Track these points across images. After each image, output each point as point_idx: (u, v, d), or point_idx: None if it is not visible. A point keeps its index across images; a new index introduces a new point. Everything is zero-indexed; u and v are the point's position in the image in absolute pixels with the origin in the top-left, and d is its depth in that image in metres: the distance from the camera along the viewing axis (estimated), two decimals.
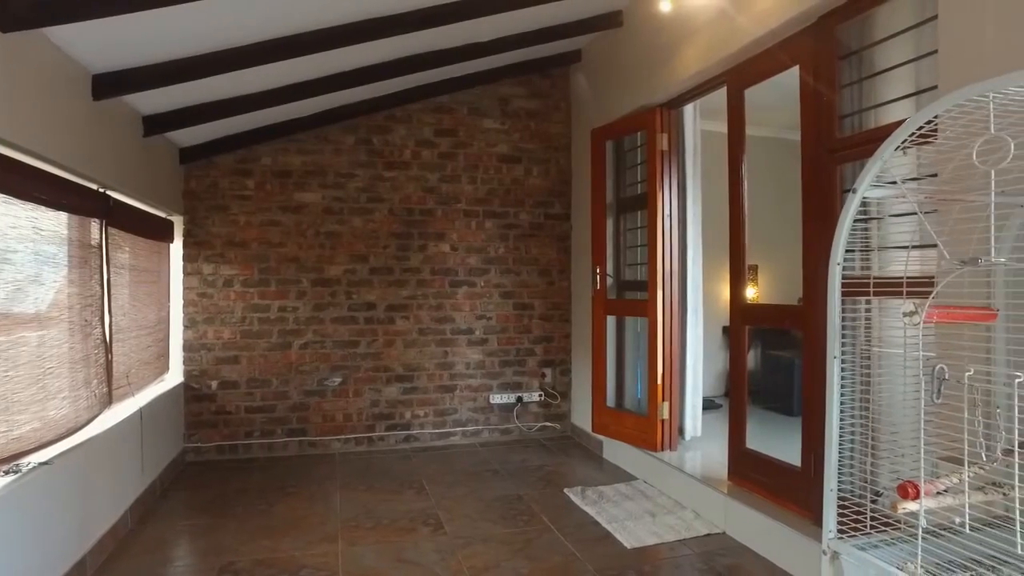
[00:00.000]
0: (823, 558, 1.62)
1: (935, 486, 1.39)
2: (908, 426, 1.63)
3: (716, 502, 3.14)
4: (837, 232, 1.52)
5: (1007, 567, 1.37)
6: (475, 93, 4.84)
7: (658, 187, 3.76)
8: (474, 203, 4.84)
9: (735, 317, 3.23)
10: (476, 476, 4.01)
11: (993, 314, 1.44)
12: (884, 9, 2.51)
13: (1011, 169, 1.46)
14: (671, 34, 3.58)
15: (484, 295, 4.86)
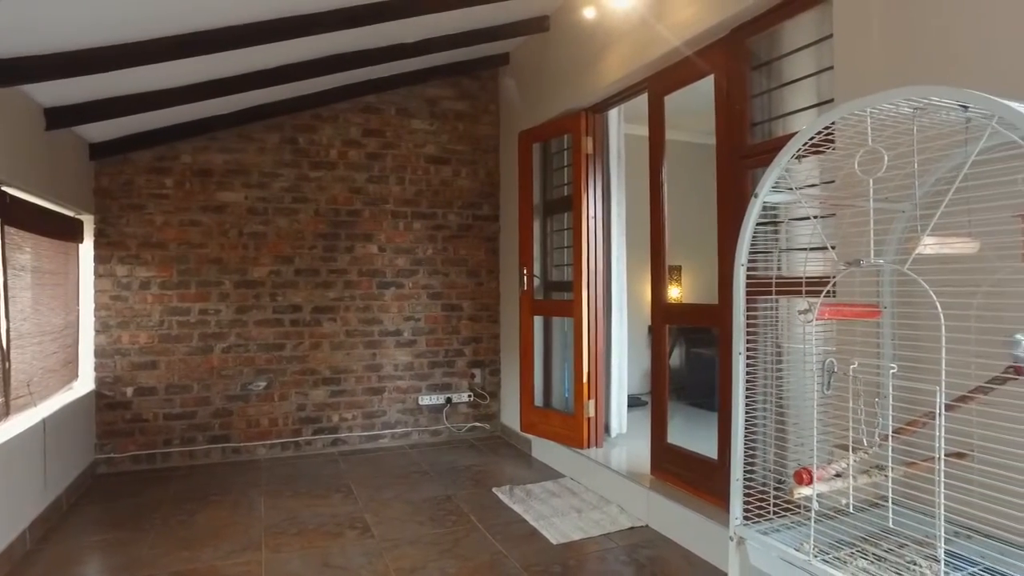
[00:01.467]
0: (730, 544, 1.71)
1: (827, 471, 1.50)
2: (809, 417, 1.74)
3: (639, 496, 3.24)
4: (741, 235, 1.60)
5: (886, 541, 1.49)
6: (403, 94, 4.82)
7: (583, 189, 3.85)
8: (402, 204, 4.81)
9: (656, 316, 3.34)
10: (405, 478, 3.99)
11: (878, 311, 1.55)
12: (790, 24, 2.66)
13: (893, 177, 1.59)
14: (596, 40, 3.67)
15: (412, 296, 4.84)
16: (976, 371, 1.47)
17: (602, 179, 3.97)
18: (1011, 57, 1.69)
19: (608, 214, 4.08)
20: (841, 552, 1.57)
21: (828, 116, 1.41)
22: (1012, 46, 1.69)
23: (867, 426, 1.37)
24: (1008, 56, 1.70)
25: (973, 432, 1.46)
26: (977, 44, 1.78)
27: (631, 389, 4.59)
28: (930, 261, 1.69)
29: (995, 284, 1.55)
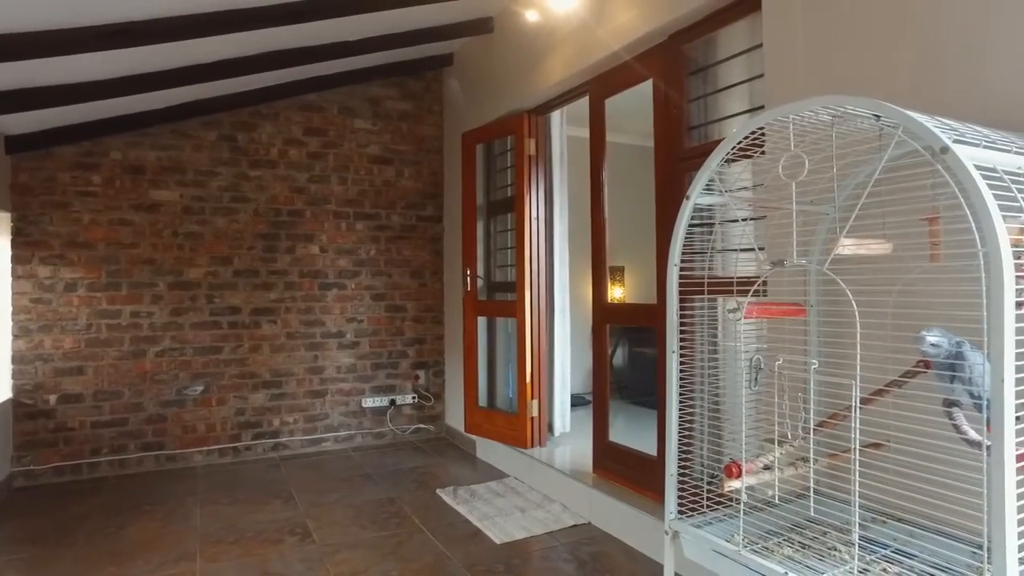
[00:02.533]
0: (665, 538, 1.76)
1: (756, 465, 1.55)
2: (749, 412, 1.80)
3: (582, 494, 3.29)
4: (674, 235, 1.65)
5: (811, 530, 1.55)
6: (346, 92, 4.75)
7: (526, 191, 3.88)
8: (344, 204, 4.74)
9: (597, 316, 3.39)
10: (348, 482, 3.93)
11: (803, 310, 1.62)
12: (725, 33, 2.75)
13: (817, 181, 1.66)
14: (539, 43, 3.70)
15: (355, 298, 4.77)
16: (892, 365, 1.55)
17: (545, 180, 4.01)
18: (924, 71, 1.79)
19: (551, 215, 4.12)
20: (769, 542, 1.63)
21: (753, 122, 1.46)
22: (924, 61, 1.79)
23: (792, 420, 1.43)
24: (921, 70, 1.80)
25: (889, 423, 1.54)
26: (892, 58, 1.87)
27: (575, 388, 4.65)
28: (851, 261, 1.78)
29: (908, 283, 1.64)
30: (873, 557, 1.52)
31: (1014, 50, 1.59)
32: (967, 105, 1.68)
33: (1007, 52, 1.61)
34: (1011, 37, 1.60)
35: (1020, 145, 1.32)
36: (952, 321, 1.42)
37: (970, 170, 1.08)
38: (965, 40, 1.70)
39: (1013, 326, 1.05)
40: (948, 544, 1.48)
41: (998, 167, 1.18)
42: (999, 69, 1.62)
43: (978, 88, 1.67)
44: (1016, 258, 1.18)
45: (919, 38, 1.81)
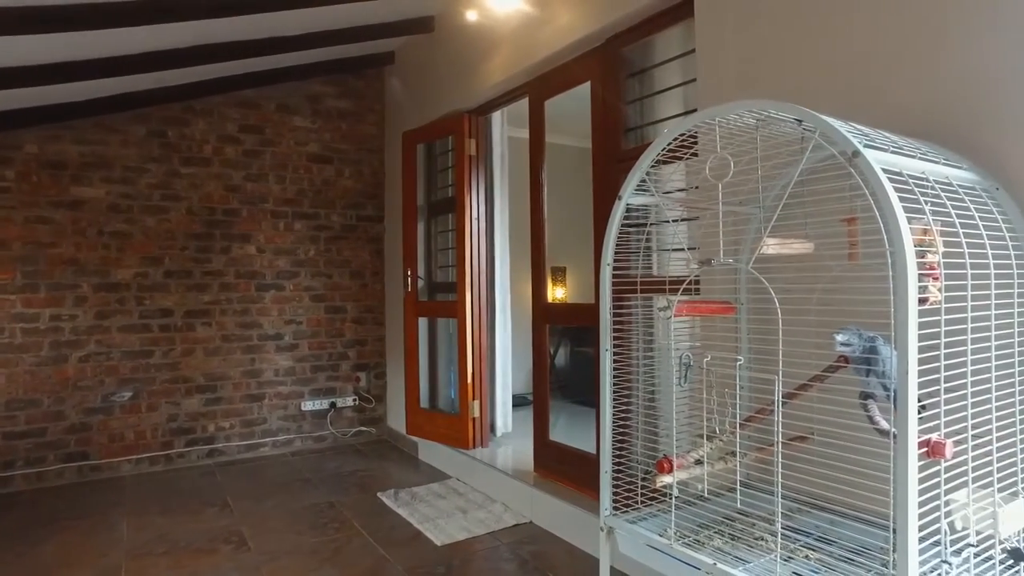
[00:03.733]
0: (601, 534, 1.78)
1: (687, 460, 1.59)
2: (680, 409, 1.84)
3: (523, 494, 3.30)
4: (606, 235, 1.67)
5: (741, 521, 1.60)
6: (284, 89, 4.63)
7: (466, 191, 3.87)
8: (282, 204, 4.63)
9: (537, 316, 3.41)
10: (286, 487, 3.84)
11: (732, 308, 1.67)
12: (662, 37, 2.81)
13: (747, 182, 1.71)
14: (480, 43, 3.70)
15: (294, 299, 4.66)
16: (816, 361, 1.61)
17: (485, 181, 4.01)
18: (843, 80, 1.87)
19: (491, 216, 4.12)
20: (701, 534, 1.67)
21: (681, 125, 1.50)
22: (843, 71, 1.87)
23: (721, 416, 1.47)
24: (841, 79, 1.88)
25: (813, 417, 1.61)
26: (816, 66, 1.95)
27: (517, 388, 4.67)
28: (778, 261, 1.85)
29: (831, 281, 1.71)
30: (797, 545, 1.58)
31: (914, 67, 1.68)
32: (879, 112, 1.77)
33: (910, 68, 1.70)
34: (910, 56, 1.69)
35: (924, 151, 1.39)
36: (868, 317, 1.49)
37: (878, 174, 1.13)
38: (877, 53, 1.79)
39: (916, 321, 1.10)
40: (866, 530, 1.55)
41: (904, 171, 1.24)
42: (904, 82, 1.71)
43: (888, 97, 1.76)
44: (920, 257, 1.25)
45: (839, 50, 1.89)
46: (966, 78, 1.61)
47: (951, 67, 1.64)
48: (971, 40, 1.60)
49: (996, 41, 1.56)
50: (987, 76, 1.57)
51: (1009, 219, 1.46)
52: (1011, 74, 1.53)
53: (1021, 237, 1.47)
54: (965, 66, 1.61)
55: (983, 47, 1.58)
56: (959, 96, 1.62)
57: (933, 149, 1.48)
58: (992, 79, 1.56)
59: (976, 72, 1.59)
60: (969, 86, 1.61)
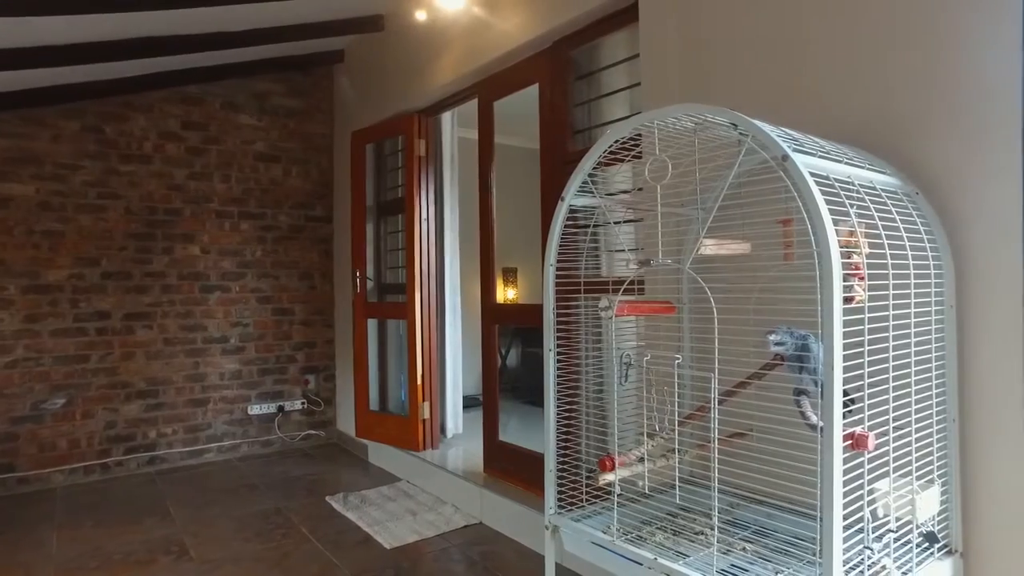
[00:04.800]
0: (546, 533, 1.79)
1: (629, 457, 1.62)
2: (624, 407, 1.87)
3: (473, 495, 3.30)
4: (550, 236, 1.69)
5: (683, 517, 1.64)
6: (229, 86, 4.52)
7: (415, 192, 3.85)
8: (228, 203, 4.51)
9: (486, 317, 3.42)
10: (232, 493, 3.74)
11: (672, 308, 1.70)
12: (609, 40, 2.85)
13: (688, 183, 1.75)
14: (429, 43, 3.69)
15: (240, 300, 4.55)
16: (754, 359, 1.66)
17: (435, 182, 4.00)
18: (778, 85, 1.94)
19: (441, 216, 4.11)
20: (643, 530, 1.70)
21: (621, 128, 1.53)
22: (779, 77, 1.93)
23: (661, 414, 1.50)
24: (777, 84, 1.94)
25: (751, 414, 1.65)
26: (754, 72, 2.01)
27: (468, 390, 4.67)
28: (719, 261, 1.89)
29: (769, 280, 1.76)
30: (735, 538, 1.62)
31: (844, 78, 1.75)
32: (811, 119, 1.84)
33: (840, 79, 1.77)
34: (841, 67, 1.77)
35: (851, 157, 1.45)
36: (802, 316, 1.54)
37: (806, 177, 1.18)
38: (811, 64, 1.86)
39: (841, 319, 1.15)
40: (801, 522, 1.61)
41: (831, 175, 1.30)
42: (836, 91, 1.78)
43: (821, 105, 1.83)
44: (846, 257, 1.30)
45: (775, 60, 1.95)
46: (891, 90, 1.69)
47: (877, 79, 1.71)
48: (895, 55, 1.68)
49: (917, 57, 1.64)
50: (909, 89, 1.65)
51: (927, 222, 1.54)
52: (929, 88, 1.61)
53: (938, 239, 1.54)
54: (890, 79, 1.69)
55: (906, 62, 1.66)
56: (884, 106, 1.70)
57: (859, 154, 1.54)
58: (913, 92, 1.64)
59: (899, 85, 1.67)
60: (893, 97, 1.68)
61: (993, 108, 1.51)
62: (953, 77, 1.58)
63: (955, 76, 1.57)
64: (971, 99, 1.55)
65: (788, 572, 1.42)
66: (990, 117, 1.52)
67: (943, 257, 1.55)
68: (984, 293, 1.54)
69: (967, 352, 1.56)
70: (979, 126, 1.54)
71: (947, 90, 1.59)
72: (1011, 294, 1.49)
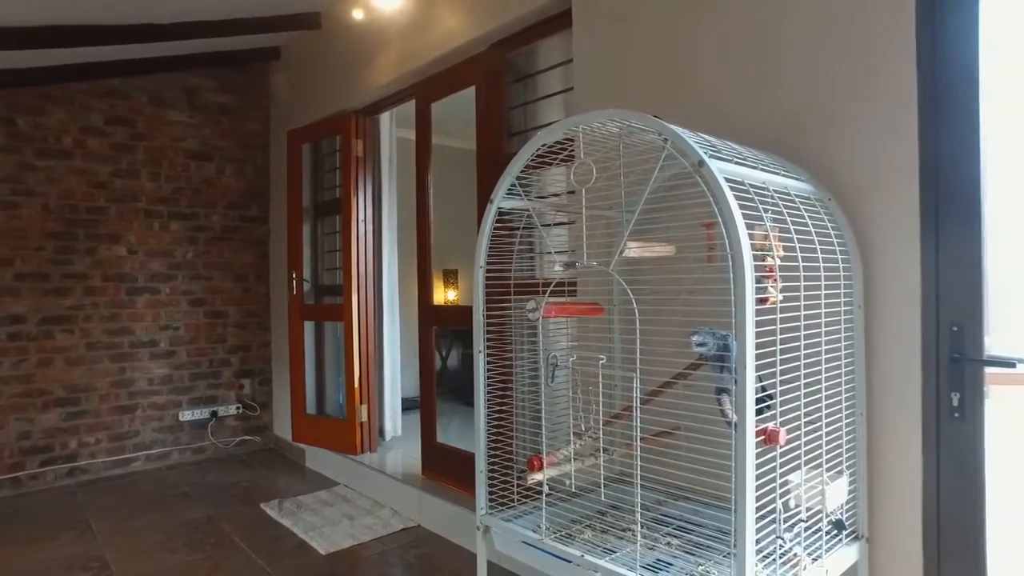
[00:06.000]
0: (477, 533, 1.80)
1: (556, 457, 1.64)
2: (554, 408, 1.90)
3: (411, 497, 3.27)
4: (479, 238, 1.70)
5: (609, 516, 1.67)
6: (157, 80, 4.35)
7: (353, 193, 3.80)
8: (157, 202, 4.35)
9: (423, 318, 3.41)
10: (160, 503, 3.60)
11: (600, 309, 1.73)
12: (545, 44, 2.87)
13: (617, 186, 1.79)
14: (367, 43, 3.64)
15: (170, 303, 4.39)
16: (681, 359, 1.70)
17: (373, 182, 3.95)
18: (703, 91, 2.00)
19: (379, 218, 4.06)
20: (573, 528, 1.73)
21: (548, 132, 1.55)
22: (707, 85, 2.00)
23: (587, 413, 1.53)
24: (703, 92, 2.01)
25: (678, 413, 1.70)
26: (683, 80, 2.07)
27: (408, 392, 4.62)
28: (646, 263, 1.94)
29: (695, 283, 1.81)
30: (661, 533, 1.67)
31: (765, 88, 1.83)
32: (733, 126, 1.90)
33: (762, 89, 1.84)
34: (761, 78, 1.84)
35: (767, 163, 1.51)
36: (724, 317, 1.60)
37: (721, 183, 1.22)
38: (735, 75, 1.92)
39: (754, 319, 1.19)
40: (724, 516, 1.66)
41: (746, 181, 1.35)
42: (757, 100, 1.86)
43: (742, 113, 1.90)
44: (760, 260, 1.35)
45: (700, 68, 2.02)
46: (808, 100, 1.77)
47: (794, 90, 1.79)
48: (808, 66, 1.76)
49: (831, 72, 1.72)
50: (821, 99, 1.73)
51: (838, 227, 1.62)
52: (837, 99, 1.69)
53: (848, 243, 1.62)
54: (805, 89, 1.77)
55: (819, 74, 1.74)
56: (801, 115, 1.78)
57: (777, 161, 1.61)
58: (825, 102, 1.72)
59: (813, 95, 1.75)
60: (809, 107, 1.76)
61: (893, 119, 1.60)
62: (857, 88, 1.66)
63: (859, 87, 1.66)
64: (873, 110, 1.63)
65: (709, 564, 1.47)
66: (890, 128, 1.61)
67: (852, 260, 1.63)
68: (888, 294, 1.63)
69: (874, 349, 1.65)
70: (881, 136, 1.62)
71: (852, 101, 1.67)
72: (910, 296, 1.59)
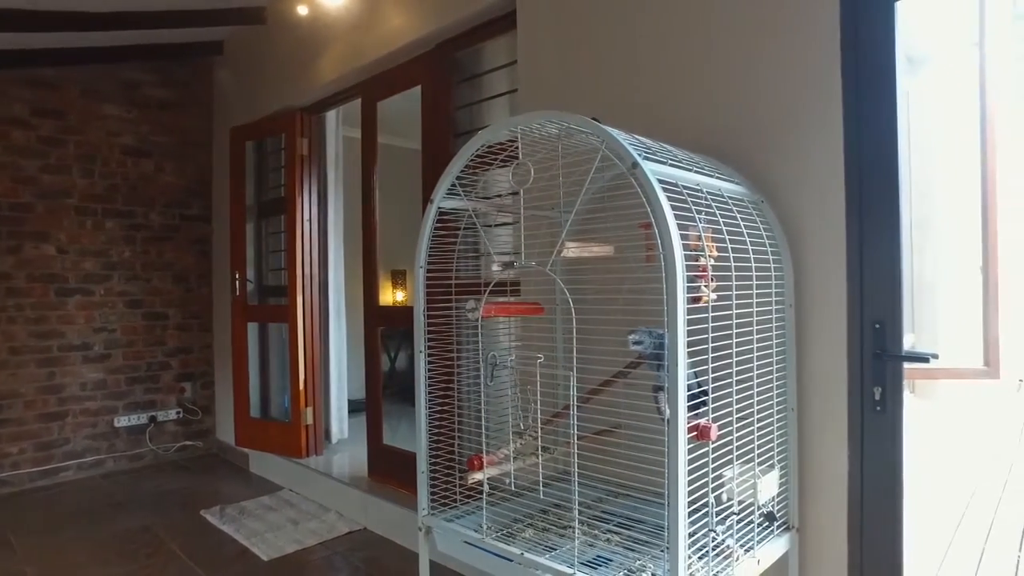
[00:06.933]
0: (419, 534, 1.79)
1: (497, 456, 1.64)
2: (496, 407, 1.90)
3: (357, 500, 3.23)
4: (420, 238, 1.69)
5: (550, 514, 1.69)
6: (91, 71, 4.18)
7: (297, 192, 3.73)
8: (90, 200, 4.17)
9: (369, 319, 3.37)
10: (91, 514, 3.46)
11: (540, 308, 1.75)
12: (492, 45, 2.88)
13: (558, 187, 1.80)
14: (312, 40, 3.58)
15: (105, 305, 4.22)
16: (621, 358, 1.73)
17: (319, 182, 3.89)
18: (646, 97, 2.04)
19: (325, 217, 4.00)
20: (515, 527, 1.74)
21: (487, 133, 1.55)
22: (647, 89, 2.04)
23: (527, 412, 1.54)
24: (643, 96, 2.05)
25: (620, 411, 1.72)
26: (625, 82, 2.11)
27: (355, 394, 4.56)
28: (586, 263, 1.96)
29: (635, 282, 1.85)
30: (601, 529, 1.69)
31: (703, 93, 1.88)
32: (672, 130, 1.95)
33: (699, 94, 1.89)
34: (698, 84, 1.89)
35: (702, 166, 1.55)
36: (661, 316, 1.63)
37: (654, 184, 1.25)
38: (674, 80, 1.97)
39: (685, 318, 1.22)
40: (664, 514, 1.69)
41: (680, 183, 1.38)
42: (695, 104, 1.90)
43: (681, 117, 1.95)
44: (694, 260, 1.39)
45: (641, 73, 2.06)
46: (742, 105, 1.82)
47: (733, 95, 1.84)
48: (744, 74, 1.81)
49: (763, 79, 1.78)
50: (756, 106, 1.79)
51: (770, 228, 1.67)
52: (772, 107, 1.75)
53: (779, 244, 1.68)
54: (744, 96, 1.82)
55: (754, 82, 1.79)
56: (736, 120, 1.83)
57: (711, 164, 1.65)
58: (759, 110, 1.78)
59: (749, 102, 1.81)
60: (744, 113, 1.82)
61: (820, 127, 1.67)
62: (787, 96, 1.72)
63: (789, 95, 1.72)
64: (802, 117, 1.70)
65: (647, 559, 1.50)
66: (817, 135, 1.67)
67: (784, 260, 1.69)
68: (817, 294, 1.69)
69: (804, 347, 1.71)
70: (809, 142, 1.69)
71: (783, 107, 1.73)
72: (838, 295, 1.65)
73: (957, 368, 3.39)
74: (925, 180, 3.36)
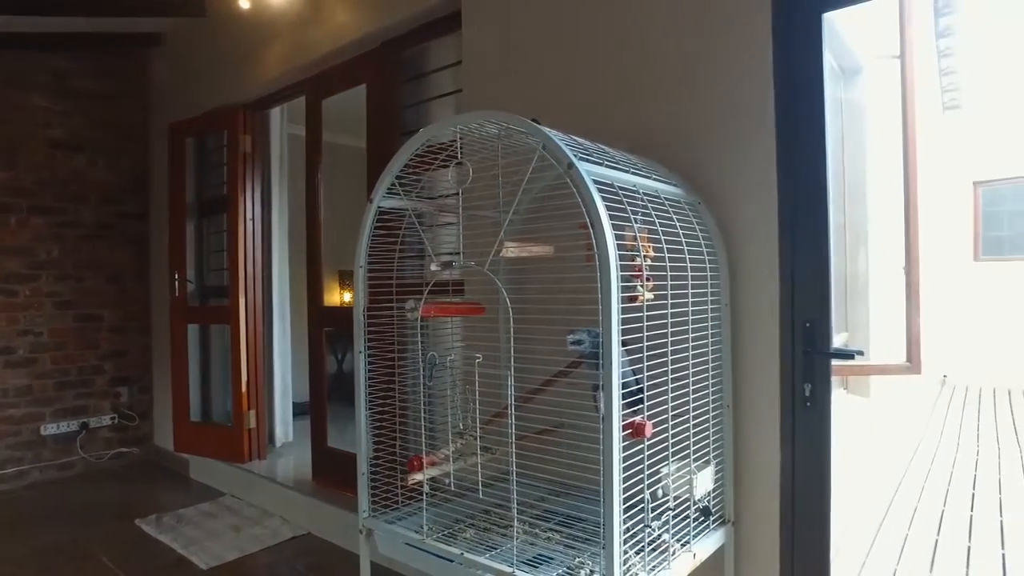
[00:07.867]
0: (360, 536, 1.76)
1: (437, 456, 1.64)
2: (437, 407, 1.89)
3: (301, 505, 3.17)
4: (360, 238, 1.67)
5: (492, 514, 1.69)
6: (15, 59, 3.97)
7: (240, 190, 3.64)
8: (14, 195, 3.96)
9: (312, 320, 3.32)
10: (12, 529, 3.26)
11: (481, 308, 1.75)
12: (438, 45, 2.86)
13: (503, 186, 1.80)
14: (255, 34, 3.50)
15: (31, 306, 4.02)
16: (562, 357, 1.74)
17: (262, 180, 3.80)
18: (589, 99, 2.06)
19: (268, 217, 3.91)
20: (456, 528, 1.73)
21: (427, 131, 1.54)
22: (590, 91, 2.06)
23: (465, 412, 1.54)
24: (585, 98, 2.07)
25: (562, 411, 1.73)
26: (567, 86, 2.13)
27: (301, 396, 4.47)
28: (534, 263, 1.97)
29: (576, 282, 1.86)
30: (542, 528, 1.70)
31: (645, 98, 1.91)
32: (614, 131, 1.97)
33: (641, 98, 1.92)
34: (638, 89, 1.92)
35: (640, 167, 1.57)
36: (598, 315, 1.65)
37: (589, 185, 1.26)
38: (616, 83, 2.00)
39: (619, 317, 1.24)
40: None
41: (616, 183, 1.40)
42: (637, 108, 1.93)
43: (621, 120, 1.97)
44: (630, 260, 1.41)
45: (583, 76, 2.08)
46: (679, 107, 1.86)
47: (671, 99, 1.88)
48: (680, 76, 1.85)
49: (699, 82, 1.82)
50: (692, 109, 1.83)
51: (707, 229, 1.71)
52: (709, 111, 1.79)
53: (716, 245, 1.72)
54: (678, 97, 1.86)
55: (691, 85, 1.83)
56: (673, 122, 1.87)
57: (649, 165, 1.67)
58: (696, 112, 1.82)
59: (685, 104, 1.85)
60: (681, 115, 1.86)
61: (754, 131, 1.71)
62: (722, 99, 1.77)
63: (724, 98, 1.77)
64: (737, 121, 1.74)
65: (585, 556, 1.51)
66: (751, 139, 1.72)
67: (720, 261, 1.73)
68: (751, 293, 1.74)
69: (739, 345, 1.75)
70: (743, 146, 1.74)
71: (718, 111, 1.78)
72: (771, 295, 1.70)
73: (883, 364, 3.54)
74: (858, 184, 3.51)
